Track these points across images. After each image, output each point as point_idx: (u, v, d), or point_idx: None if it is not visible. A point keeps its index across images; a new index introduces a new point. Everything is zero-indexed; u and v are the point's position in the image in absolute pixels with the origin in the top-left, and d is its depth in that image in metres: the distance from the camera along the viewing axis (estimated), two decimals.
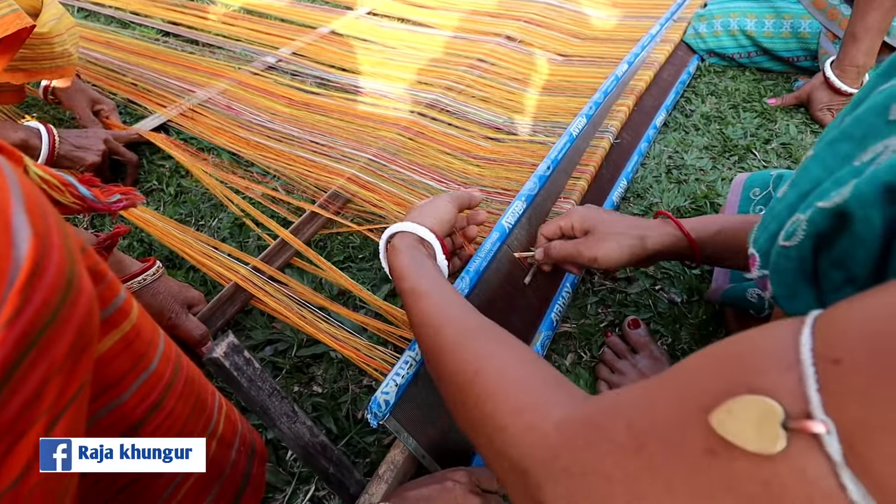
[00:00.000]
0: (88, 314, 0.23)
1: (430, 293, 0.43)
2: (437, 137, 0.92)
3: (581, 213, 0.58)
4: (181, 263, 0.77)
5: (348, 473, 0.44)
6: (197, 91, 1.03)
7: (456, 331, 0.38)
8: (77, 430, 0.24)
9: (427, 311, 0.41)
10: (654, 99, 1.03)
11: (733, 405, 0.19)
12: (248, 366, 0.35)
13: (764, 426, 0.18)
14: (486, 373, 0.32)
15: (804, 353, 0.19)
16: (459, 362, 0.35)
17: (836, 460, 0.17)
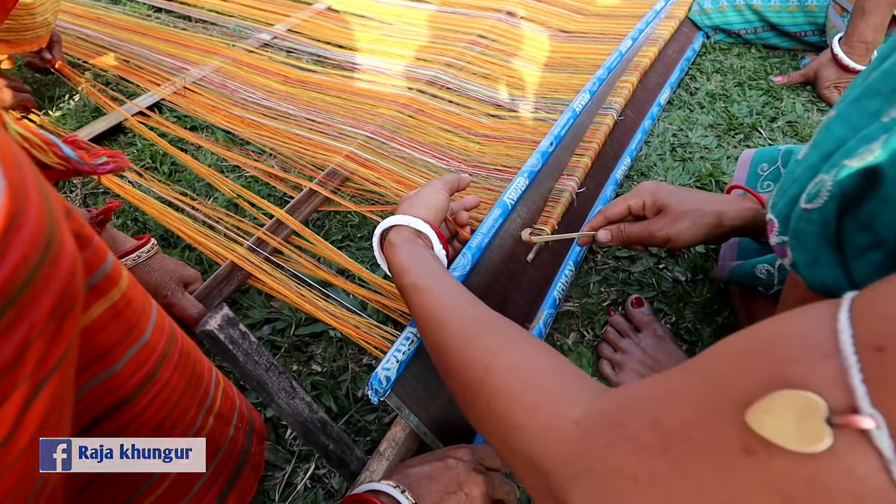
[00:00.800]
0: (71, 276, 0.22)
1: (431, 288, 0.41)
2: (437, 114, 0.90)
3: (651, 189, 0.54)
4: (176, 242, 0.76)
5: (349, 450, 0.44)
6: (190, 69, 1.00)
7: (462, 326, 0.36)
8: (63, 398, 0.23)
9: (430, 306, 0.39)
10: (659, 76, 1.01)
11: (772, 402, 0.18)
12: (244, 339, 0.34)
13: (806, 422, 0.17)
14: (496, 370, 0.31)
15: (844, 341, 0.18)
16: (467, 360, 0.33)
17: (887, 456, 0.16)
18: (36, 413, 0.20)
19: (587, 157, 0.75)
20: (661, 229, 0.52)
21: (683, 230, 0.51)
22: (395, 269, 0.45)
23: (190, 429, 0.37)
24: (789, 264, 0.27)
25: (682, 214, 0.51)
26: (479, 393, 0.31)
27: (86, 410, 0.29)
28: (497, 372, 0.31)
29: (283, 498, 0.51)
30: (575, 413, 0.26)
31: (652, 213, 0.54)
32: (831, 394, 0.17)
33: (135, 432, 0.32)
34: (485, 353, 0.33)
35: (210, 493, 0.41)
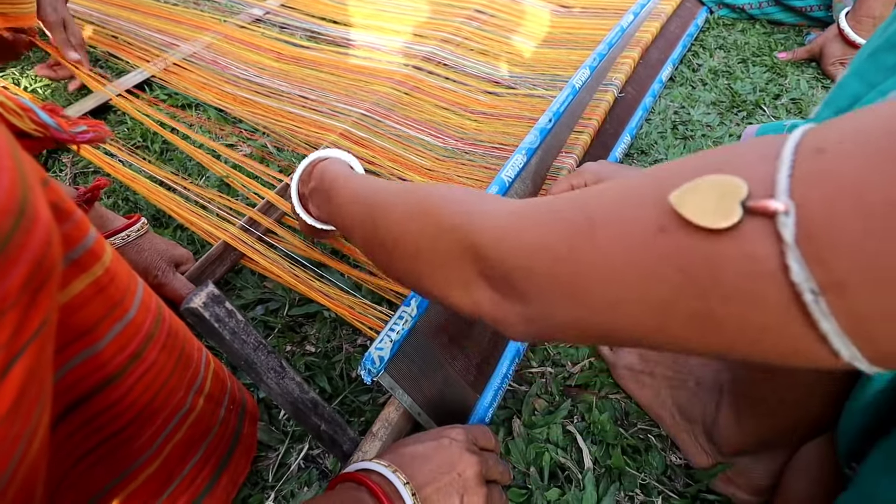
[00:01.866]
0: (46, 246, 0.21)
1: (367, 177, 0.43)
2: (434, 92, 0.88)
3: (594, 169, 0.55)
4: (168, 222, 0.74)
5: (341, 431, 0.43)
6: (181, 45, 0.98)
7: (395, 185, 0.38)
8: (41, 373, 0.22)
9: (362, 183, 0.41)
10: (661, 52, 0.98)
11: (699, 183, 0.19)
12: (231, 318, 0.33)
13: (722, 203, 0.18)
14: (433, 193, 0.32)
15: (787, 147, 0.18)
16: (402, 197, 0.34)
17: (787, 241, 0.16)
18: (10, 387, 0.19)
19: (586, 134, 0.73)
20: None
21: None
22: (328, 175, 0.46)
23: (179, 410, 0.36)
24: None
25: None
26: (415, 216, 0.32)
27: (69, 389, 0.28)
28: (434, 194, 0.32)
29: (276, 478, 0.51)
30: (512, 204, 0.28)
31: None
32: (756, 185, 0.18)
33: (121, 413, 0.32)
34: (418, 188, 0.34)
35: (202, 475, 0.40)
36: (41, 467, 0.23)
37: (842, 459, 0.36)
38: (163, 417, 0.35)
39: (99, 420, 0.30)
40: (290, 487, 0.51)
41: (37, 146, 0.30)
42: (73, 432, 0.29)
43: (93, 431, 0.30)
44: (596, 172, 0.54)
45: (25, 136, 0.30)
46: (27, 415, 0.20)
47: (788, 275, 0.16)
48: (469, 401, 0.51)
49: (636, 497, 0.50)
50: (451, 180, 0.71)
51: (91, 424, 0.30)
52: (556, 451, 0.52)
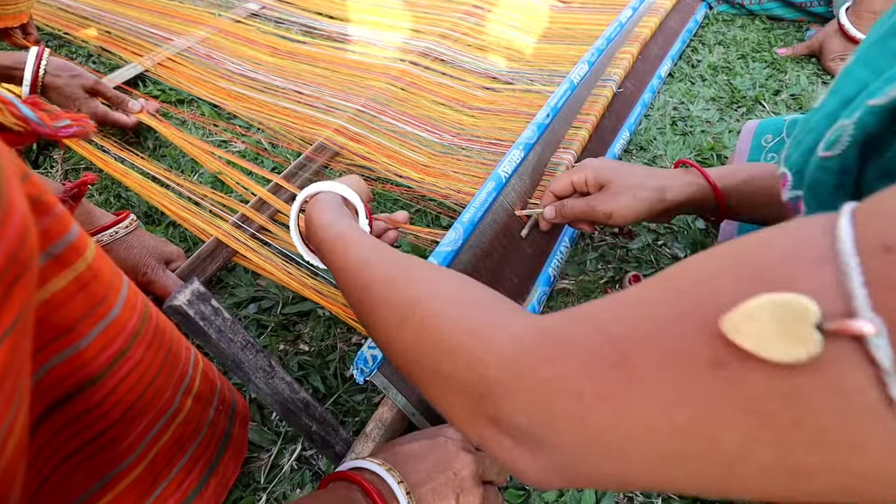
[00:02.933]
0: (21, 238, 0.20)
1: (358, 238, 0.39)
2: (431, 87, 0.87)
3: (594, 165, 0.53)
4: (160, 219, 0.73)
5: (333, 432, 0.42)
6: (175, 39, 0.97)
7: (390, 265, 0.34)
8: (16, 370, 0.21)
9: (356, 251, 0.37)
10: (660, 48, 0.97)
11: (754, 306, 0.16)
12: (217, 316, 0.32)
13: (792, 329, 0.15)
14: (429, 298, 0.29)
15: (844, 242, 0.15)
16: (396, 291, 0.31)
17: (884, 367, 0.14)
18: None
19: (584, 130, 0.72)
20: (601, 204, 0.51)
21: (624, 205, 0.50)
22: (320, 224, 0.43)
23: (166, 410, 0.35)
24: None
25: (622, 189, 0.50)
26: (409, 321, 0.28)
27: (49, 389, 0.27)
28: (430, 300, 0.29)
29: (268, 479, 0.50)
30: (513, 331, 0.24)
31: (594, 188, 0.53)
32: (825, 298, 0.15)
33: (105, 413, 0.31)
34: (416, 284, 0.31)
35: (190, 477, 0.39)
36: (18, 470, 0.22)
37: None
38: (149, 418, 0.34)
39: (82, 421, 0.29)
40: (282, 489, 0.50)
41: (18, 141, 0.29)
42: (54, 434, 0.28)
43: (75, 433, 0.29)
44: (596, 168, 0.53)
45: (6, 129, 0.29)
46: (2, 413, 0.19)
47: (894, 407, 0.14)
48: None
49: (635, 498, 0.49)
50: (448, 177, 0.71)
51: (73, 426, 0.29)
52: None
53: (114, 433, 0.31)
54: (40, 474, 0.28)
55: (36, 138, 0.27)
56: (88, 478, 0.32)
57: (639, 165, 0.54)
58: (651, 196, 0.49)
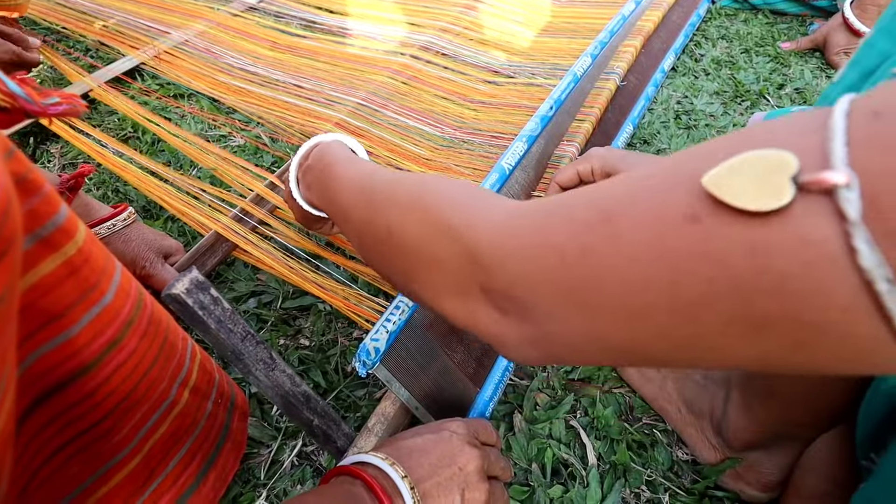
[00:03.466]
0: (2, 214, 0.19)
1: (359, 160, 0.41)
2: (432, 81, 0.86)
3: (601, 154, 0.52)
4: (159, 213, 0.72)
5: (335, 426, 0.41)
6: (173, 33, 0.96)
7: (393, 173, 0.35)
8: (1, 353, 0.20)
9: (359, 167, 0.38)
10: (663, 42, 0.96)
11: (737, 161, 0.16)
12: (216, 305, 0.31)
13: (767, 181, 0.15)
14: (432, 189, 0.30)
15: (836, 112, 0.15)
16: (403, 189, 0.31)
17: (851, 218, 0.14)
18: None
19: (588, 122, 0.71)
20: None
21: None
22: (326, 158, 0.43)
23: (162, 402, 0.34)
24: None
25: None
26: (414, 210, 0.29)
27: (39, 378, 0.26)
28: (433, 190, 0.29)
29: (269, 476, 0.49)
30: (509, 205, 0.25)
31: (601, 177, 0.52)
32: (806, 156, 0.15)
33: (98, 404, 0.30)
34: (421, 181, 0.31)
35: (187, 472, 0.38)
36: (4, 460, 0.21)
37: (860, 451, 0.34)
38: (144, 410, 0.33)
39: (73, 412, 0.28)
40: (282, 485, 0.49)
41: (6, 120, 0.28)
42: (44, 425, 0.27)
43: (67, 424, 0.28)
44: (603, 157, 0.52)
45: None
46: None
47: (856, 259, 0.14)
48: (469, 394, 0.49)
49: (642, 494, 0.48)
50: (450, 170, 0.70)
51: (64, 416, 0.28)
52: (559, 447, 0.51)
53: (107, 424, 0.30)
54: (29, 468, 0.27)
55: (24, 117, 0.26)
56: (82, 470, 0.31)
57: (646, 154, 0.53)
58: None
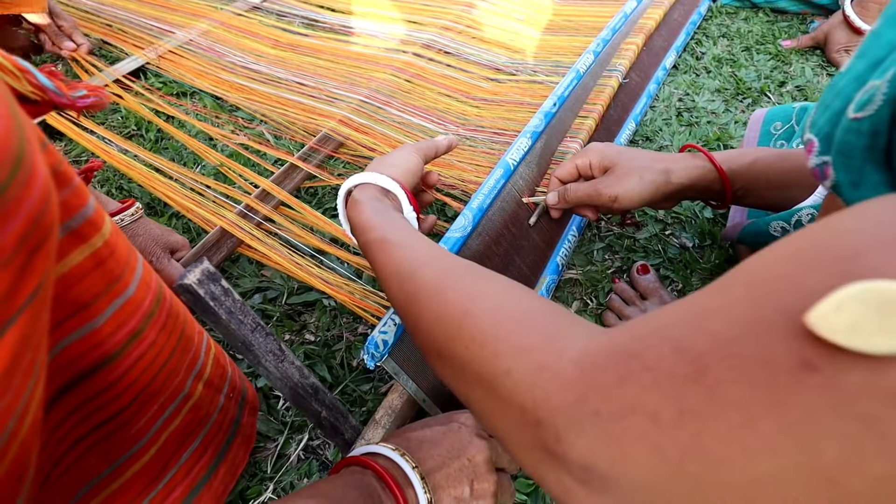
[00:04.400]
0: (43, 203, 0.19)
1: (402, 242, 0.36)
2: (435, 78, 0.86)
3: (599, 149, 0.53)
4: (162, 211, 0.73)
5: (342, 418, 0.41)
6: (176, 32, 0.96)
7: (437, 273, 0.32)
8: (35, 343, 0.20)
9: (400, 257, 0.35)
10: (664, 40, 0.97)
11: (842, 296, 0.14)
12: (227, 296, 0.32)
13: (887, 318, 0.13)
14: (478, 312, 0.27)
15: None
16: (443, 304, 0.29)
17: None
18: (2, 354, 0.18)
19: (591, 119, 0.72)
20: (607, 187, 0.50)
21: (630, 188, 0.49)
22: (359, 227, 0.40)
23: (177, 395, 0.35)
24: (830, 186, 0.25)
25: (628, 172, 0.50)
26: (457, 339, 0.26)
27: (65, 367, 0.27)
28: (478, 314, 0.27)
29: (275, 469, 0.50)
30: (573, 350, 0.22)
31: (599, 172, 0.53)
32: None
33: (119, 394, 0.30)
34: (464, 295, 0.28)
35: (199, 463, 0.39)
36: (33, 447, 0.22)
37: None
38: (160, 402, 0.33)
39: (96, 401, 0.29)
40: (289, 479, 0.49)
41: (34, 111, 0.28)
42: (68, 414, 0.28)
43: (89, 414, 0.29)
44: (601, 151, 0.52)
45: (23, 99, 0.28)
46: (20, 387, 0.19)
47: None
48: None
49: None
50: (453, 166, 0.70)
51: (87, 406, 0.28)
52: None
53: (127, 415, 0.31)
54: (52, 457, 0.28)
55: (51, 109, 0.26)
56: (100, 461, 0.31)
57: (643, 150, 0.53)
58: (657, 178, 0.49)
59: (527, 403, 0.22)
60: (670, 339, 0.19)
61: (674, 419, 0.17)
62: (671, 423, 0.17)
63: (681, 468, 0.17)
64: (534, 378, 0.22)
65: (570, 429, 0.20)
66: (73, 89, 0.27)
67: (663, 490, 0.18)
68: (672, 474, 0.17)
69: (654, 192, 0.49)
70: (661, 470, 0.18)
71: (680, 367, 0.17)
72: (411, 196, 0.44)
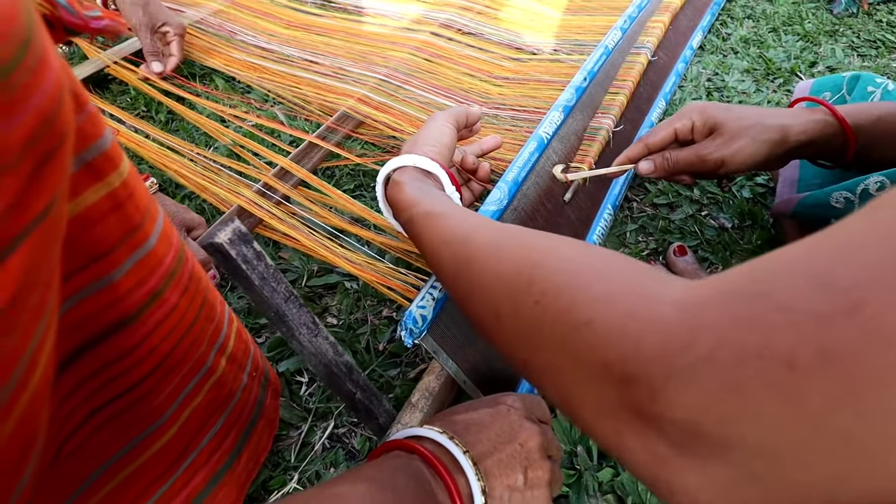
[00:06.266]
0: (56, 102, 0.16)
1: (449, 213, 0.34)
2: (454, 58, 0.83)
3: (700, 108, 0.47)
4: (174, 192, 0.70)
5: (377, 401, 0.38)
6: (186, 11, 0.93)
7: (493, 234, 0.29)
8: (45, 278, 0.17)
9: (450, 226, 0.32)
10: (689, 20, 0.94)
11: None
12: (260, 261, 0.29)
13: None
14: (550, 262, 0.23)
15: None
16: (507, 260, 0.25)
17: None
18: (8, 277, 0.15)
19: (622, 95, 0.69)
20: (714, 151, 0.45)
21: (741, 149, 0.44)
22: (401, 205, 0.38)
23: (200, 367, 0.31)
24: None
25: (739, 131, 0.44)
26: (525, 294, 0.23)
27: (81, 325, 0.23)
28: (551, 263, 0.23)
29: (299, 458, 0.46)
30: (671, 296, 0.18)
31: (702, 135, 0.47)
32: None
33: (139, 362, 0.27)
34: (530, 249, 0.25)
35: (222, 448, 0.36)
36: (42, 410, 0.18)
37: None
38: (182, 374, 0.30)
39: (113, 369, 0.25)
40: (314, 468, 0.46)
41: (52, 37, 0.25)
42: (82, 382, 0.24)
43: (105, 383, 0.25)
44: (703, 111, 0.47)
45: None
46: (27, 329, 0.16)
47: None
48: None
49: None
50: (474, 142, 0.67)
51: (104, 373, 0.25)
52: None
53: (146, 386, 0.28)
54: (63, 430, 0.24)
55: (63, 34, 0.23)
56: (115, 439, 0.28)
57: (751, 106, 0.48)
58: (773, 137, 0.43)
59: (611, 356, 0.18)
60: (808, 274, 0.15)
61: (816, 362, 0.14)
62: (813, 367, 0.14)
63: (825, 422, 0.14)
64: (622, 325, 0.19)
65: (671, 381, 0.16)
66: (88, 9, 0.23)
67: (798, 452, 0.15)
68: (813, 431, 0.14)
69: (769, 153, 0.44)
70: (796, 427, 0.14)
71: (826, 303, 0.14)
72: (451, 174, 0.42)
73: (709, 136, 0.47)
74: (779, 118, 0.45)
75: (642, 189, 0.69)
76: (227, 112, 0.76)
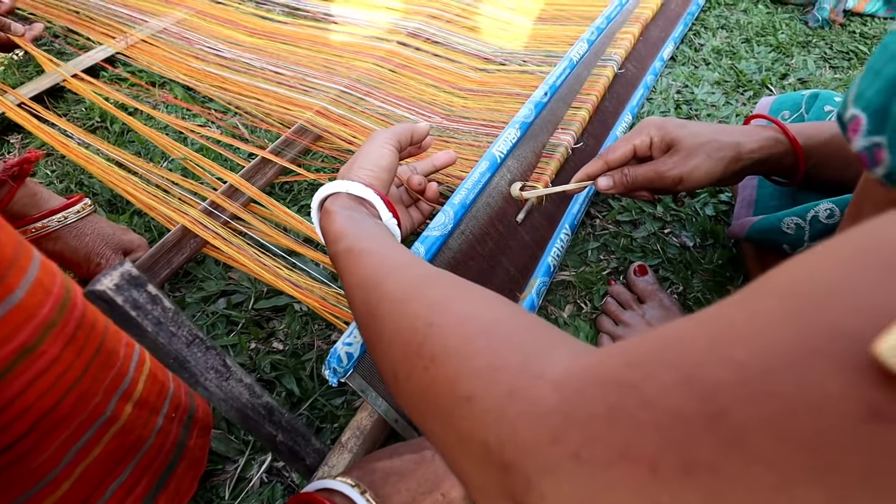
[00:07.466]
0: None
1: (372, 250, 0.32)
2: (420, 68, 0.82)
3: (658, 123, 0.47)
4: (124, 208, 0.67)
5: (303, 441, 0.36)
6: (149, 20, 0.90)
7: (403, 282, 0.27)
8: None
9: (370, 265, 0.31)
10: (661, 30, 0.92)
11: None
12: (155, 304, 0.27)
13: None
14: (443, 324, 0.22)
15: None
16: (407, 316, 0.24)
17: None
18: None
19: (584, 110, 0.67)
20: (672, 168, 0.44)
21: (698, 166, 0.43)
22: (329, 238, 0.36)
23: (97, 418, 0.29)
24: (884, 173, 0.20)
25: (695, 148, 0.44)
26: (417, 357, 0.22)
27: None
28: (444, 325, 0.22)
29: (234, 495, 0.44)
30: (553, 372, 0.17)
31: (660, 151, 0.47)
32: None
33: (12, 421, 0.25)
34: (429, 307, 0.24)
35: (132, 496, 0.34)
36: None
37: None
38: (73, 428, 0.28)
39: None
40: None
41: None
42: None
43: None
44: (661, 127, 0.46)
45: None
46: None
47: None
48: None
49: None
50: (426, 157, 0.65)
51: None
52: None
53: (25, 446, 0.26)
54: None
55: None
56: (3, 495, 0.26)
57: (706, 122, 0.48)
58: (728, 154, 0.43)
59: (490, 440, 0.17)
60: (676, 365, 0.14)
61: (677, 472, 0.13)
62: (674, 477, 0.13)
63: None
64: (501, 407, 0.18)
65: (544, 476, 0.16)
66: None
67: None
68: None
69: (724, 170, 0.44)
70: None
71: (688, 404, 0.13)
72: (387, 200, 0.40)
73: (667, 153, 0.46)
74: (733, 135, 0.45)
75: (606, 205, 0.67)
76: (182, 125, 0.74)
